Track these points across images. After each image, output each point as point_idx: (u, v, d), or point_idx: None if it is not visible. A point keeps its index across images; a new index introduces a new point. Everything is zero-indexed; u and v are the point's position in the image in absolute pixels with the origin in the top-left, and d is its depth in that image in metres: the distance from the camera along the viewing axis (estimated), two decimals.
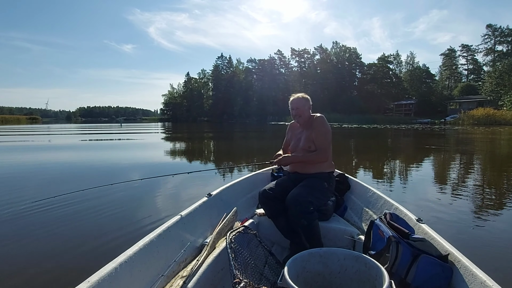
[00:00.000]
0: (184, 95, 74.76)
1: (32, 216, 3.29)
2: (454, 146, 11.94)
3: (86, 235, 2.79)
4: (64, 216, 3.31)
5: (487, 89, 40.39)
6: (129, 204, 3.83)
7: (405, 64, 60.25)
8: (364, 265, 1.32)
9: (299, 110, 2.05)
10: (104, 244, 2.58)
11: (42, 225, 3.04)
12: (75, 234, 2.85)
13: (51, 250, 2.49)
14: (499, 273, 1.90)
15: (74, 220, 3.21)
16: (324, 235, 1.92)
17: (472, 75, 56.89)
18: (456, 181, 5.23)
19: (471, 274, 1.20)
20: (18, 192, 4.42)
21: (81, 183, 4.85)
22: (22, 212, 3.41)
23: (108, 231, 2.86)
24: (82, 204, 3.69)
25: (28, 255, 2.40)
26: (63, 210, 3.47)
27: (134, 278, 1.22)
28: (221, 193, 2.22)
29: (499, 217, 3.30)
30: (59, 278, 2.06)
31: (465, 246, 1.62)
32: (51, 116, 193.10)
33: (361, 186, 2.49)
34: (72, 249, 2.51)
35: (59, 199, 3.41)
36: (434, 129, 24.47)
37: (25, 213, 3.39)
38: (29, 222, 3.11)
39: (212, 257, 1.54)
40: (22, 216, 3.29)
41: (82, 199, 3.77)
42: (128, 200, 4.00)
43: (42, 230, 2.92)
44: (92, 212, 3.44)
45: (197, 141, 14.73)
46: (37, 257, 2.38)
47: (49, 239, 2.73)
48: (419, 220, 1.65)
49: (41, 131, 25.05)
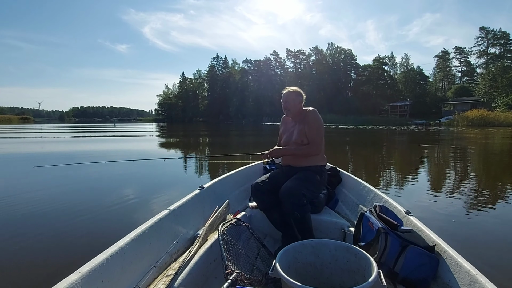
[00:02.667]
0: (179, 96, 74.38)
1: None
2: (451, 145, 12.12)
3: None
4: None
5: (480, 91, 40.91)
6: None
7: (399, 65, 60.89)
8: (354, 256, 1.34)
9: (288, 104, 2.07)
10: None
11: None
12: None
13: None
14: (483, 263, 1.96)
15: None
16: (316, 227, 1.94)
17: (465, 77, 57.60)
18: (448, 178, 5.33)
19: (456, 264, 1.24)
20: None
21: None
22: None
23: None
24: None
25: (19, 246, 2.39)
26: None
27: (125, 269, 1.23)
28: (213, 185, 2.22)
29: (485, 211, 3.40)
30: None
31: (451, 238, 1.66)
32: (43, 116, 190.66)
33: (352, 179, 2.52)
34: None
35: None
36: (430, 130, 24.73)
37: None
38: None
39: (204, 249, 1.55)
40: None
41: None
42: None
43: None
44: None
45: (192, 141, 14.73)
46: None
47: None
48: (408, 213, 1.68)
49: (32, 132, 24.70)
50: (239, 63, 72.77)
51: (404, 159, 8.39)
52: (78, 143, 10.05)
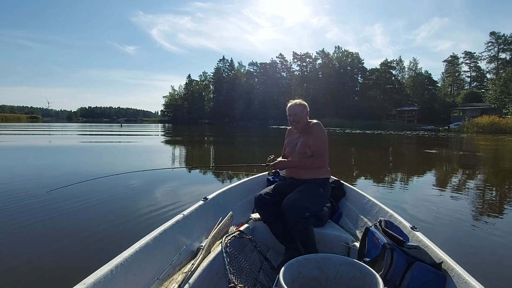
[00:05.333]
0: (185, 97, 74.98)
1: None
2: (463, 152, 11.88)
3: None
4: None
5: (491, 97, 40.15)
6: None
7: (407, 70, 60.33)
8: (359, 272, 1.32)
9: (296, 117, 2.06)
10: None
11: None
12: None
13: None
14: (491, 282, 1.90)
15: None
16: (319, 241, 1.92)
17: (475, 82, 56.84)
18: (457, 191, 5.21)
19: (464, 282, 1.21)
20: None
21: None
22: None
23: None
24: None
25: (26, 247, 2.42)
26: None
27: (129, 281, 1.23)
28: (217, 197, 2.22)
29: (494, 226, 3.30)
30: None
31: (458, 255, 1.62)
32: (52, 115, 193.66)
33: (356, 193, 2.49)
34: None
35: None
36: (439, 136, 24.20)
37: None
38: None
39: (207, 261, 1.54)
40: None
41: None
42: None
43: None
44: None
45: (197, 144, 14.79)
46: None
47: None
48: (414, 228, 1.65)
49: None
50: (245, 66, 73.27)
51: (412, 167, 8.27)
52: (87, 154, 10.22)
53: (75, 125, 41.39)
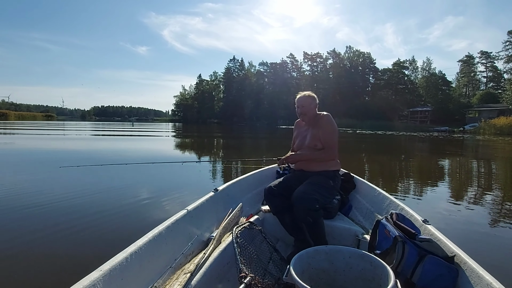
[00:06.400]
0: (195, 97, 75.44)
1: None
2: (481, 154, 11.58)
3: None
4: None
5: (508, 98, 38.77)
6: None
7: (421, 70, 58.96)
8: (370, 264, 1.31)
9: (304, 108, 2.06)
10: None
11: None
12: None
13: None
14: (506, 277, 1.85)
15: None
16: (329, 233, 1.92)
17: (491, 82, 54.97)
18: (470, 188, 5.11)
19: (477, 276, 1.19)
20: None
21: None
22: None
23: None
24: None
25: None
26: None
27: (143, 268, 1.25)
28: (227, 188, 2.24)
29: (510, 223, 3.22)
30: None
31: (471, 249, 1.59)
32: (66, 114, 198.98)
33: (366, 185, 2.47)
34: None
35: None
36: (455, 137, 23.41)
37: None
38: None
39: (218, 251, 1.56)
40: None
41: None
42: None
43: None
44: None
45: (207, 141, 14.93)
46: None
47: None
48: (425, 221, 1.63)
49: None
50: (255, 66, 73.17)
51: (424, 166, 8.11)
52: (101, 141, 10.52)
53: (87, 123, 42.33)
